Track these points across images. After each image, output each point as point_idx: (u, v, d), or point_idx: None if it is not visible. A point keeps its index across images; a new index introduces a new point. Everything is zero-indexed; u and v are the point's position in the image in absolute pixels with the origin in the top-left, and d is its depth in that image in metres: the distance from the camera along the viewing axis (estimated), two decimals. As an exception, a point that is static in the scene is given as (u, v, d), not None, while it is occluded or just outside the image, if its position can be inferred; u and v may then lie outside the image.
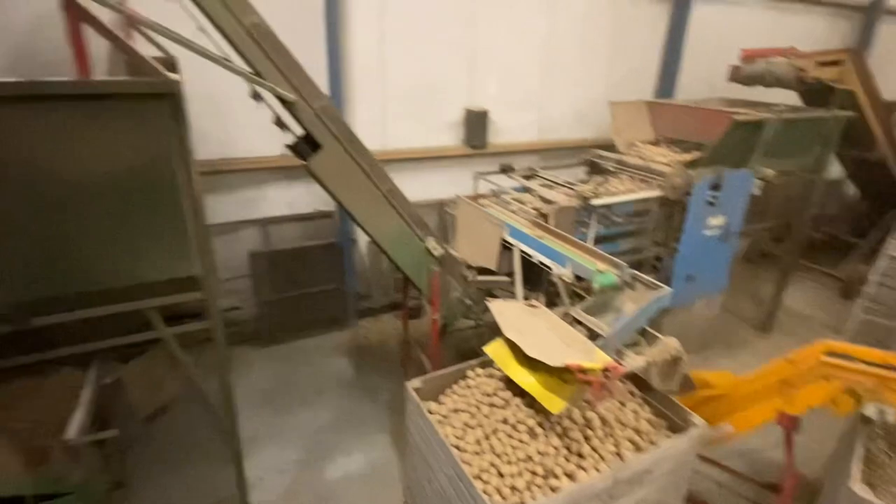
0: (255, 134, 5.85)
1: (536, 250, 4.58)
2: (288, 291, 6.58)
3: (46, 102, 2.37)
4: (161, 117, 2.60)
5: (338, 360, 6.54)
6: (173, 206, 2.79)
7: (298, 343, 6.81)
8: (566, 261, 4.31)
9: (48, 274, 2.70)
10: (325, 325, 7.02)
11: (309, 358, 6.54)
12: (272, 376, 6.15)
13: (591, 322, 3.89)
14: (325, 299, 6.86)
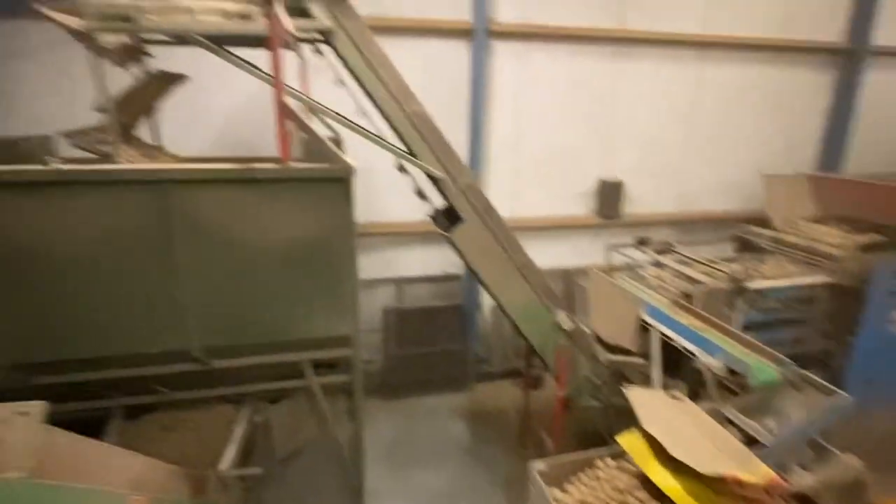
0: (397, 201, 6.37)
1: (679, 334, 4.24)
2: (414, 348, 6.83)
3: (255, 184, 2.85)
4: (337, 196, 2.98)
5: (456, 423, 6.52)
6: (338, 273, 3.12)
7: (419, 400, 6.95)
8: (716, 350, 3.91)
9: (232, 325, 3.14)
10: (444, 385, 7.10)
11: (428, 417, 6.62)
12: (393, 430, 6.31)
13: (748, 425, 3.44)
14: (447, 359, 6.98)
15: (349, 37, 3.59)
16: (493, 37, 6.25)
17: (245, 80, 5.39)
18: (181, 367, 3.30)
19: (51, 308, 2.85)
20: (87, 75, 5.06)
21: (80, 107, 5.35)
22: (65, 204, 2.74)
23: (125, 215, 2.79)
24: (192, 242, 2.90)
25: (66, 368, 3.08)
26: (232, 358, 3.36)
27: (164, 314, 2.98)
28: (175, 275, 2.91)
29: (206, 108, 5.72)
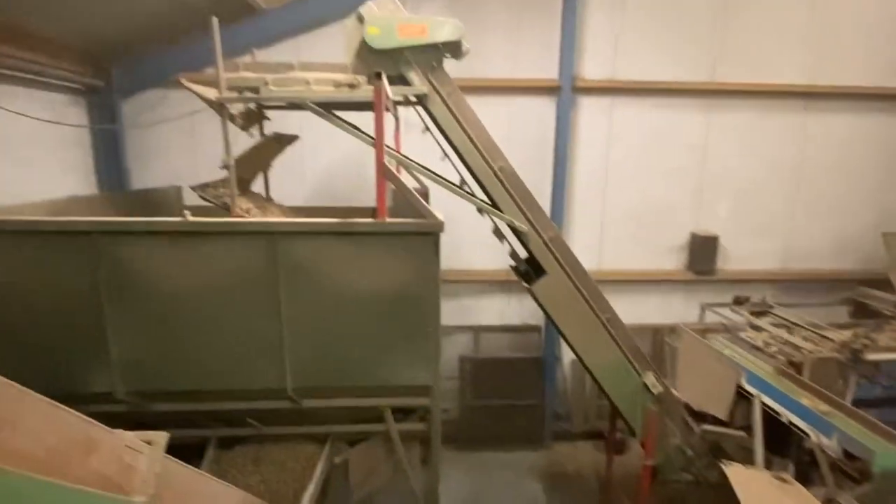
0: (478, 249, 6.51)
1: (786, 407, 3.84)
2: (489, 400, 6.72)
3: (352, 236, 3.08)
4: (425, 249, 3.12)
5: (531, 483, 6.24)
6: (422, 323, 3.23)
7: (493, 454, 6.76)
8: (830, 428, 3.49)
9: (323, 367, 3.32)
10: (520, 441, 6.86)
11: (503, 473, 6.41)
12: (466, 483, 6.16)
13: (874, 522, 3.00)
14: (524, 414, 6.78)
15: (442, 100, 3.84)
16: (579, 92, 6.36)
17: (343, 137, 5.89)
18: (274, 405, 3.51)
19: (171, 342, 3.20)
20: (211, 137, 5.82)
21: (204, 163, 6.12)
22: (190, 250, 3.12)
23: (239, 262, 3.11)
24: (293, 288, 3.15)
25: (177, 398, 3.40)
26: (320, 398, 3.52)
27: (266, 354, 3.22)
28: (278, 318, 3.16)
29: (308, 162, 6.29)
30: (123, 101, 5.94)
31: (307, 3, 5.91)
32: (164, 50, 5.83)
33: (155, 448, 1.79)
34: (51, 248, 3.05)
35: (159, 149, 6.16)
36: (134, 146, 6.10)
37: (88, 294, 3.07)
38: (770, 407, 3.92)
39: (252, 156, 4.17)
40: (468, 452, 6.79)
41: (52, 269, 3.09)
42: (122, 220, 3.15)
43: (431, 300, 3.23)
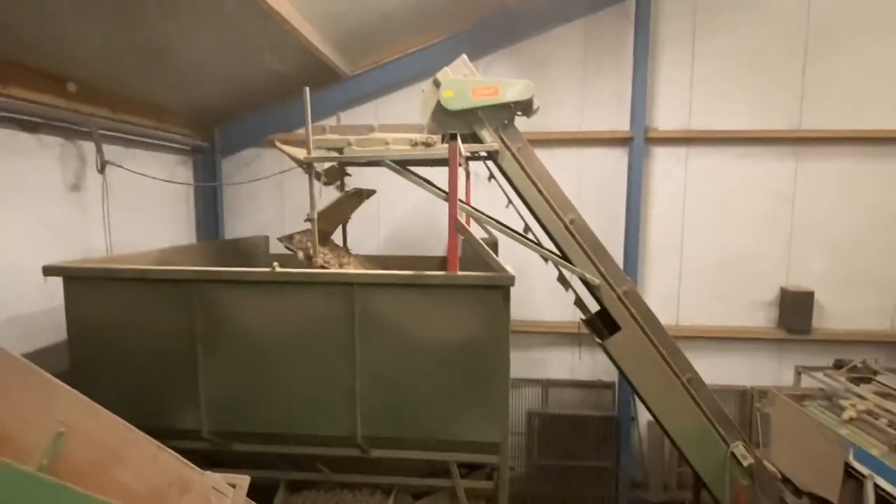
0: (548, 299, 6.38)
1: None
2: (558, 459, 6.39)
3: (424, 288, 3.16)
4: (495, 303, 3.14)
5: (604, 556, 5.76)
6: (491, 378, 3.20)
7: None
8: (968, 524, 2.99)
9: (393, 417, 3.35)
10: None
11: (572, 542, 5.98)
12: (532, 551, 5.80)
13: None
14: (596, 477, 6.37)
15: (513, 155, 3.95)
16: (652, 143, 6.27)
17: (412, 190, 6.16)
18: (344, 452, 3.57)
19: (254, 386, 3.38)
20: (297, 190, 6.29)
21: (290, 214, 6.60)
22: (275, 299, 3.34)
23: (319, 311, 3.28)
24: (368, 337, 3.26)
25: (254, 439, 3.55)
26: (388, 449, 3.54)
27: (339, 401, 3.31)
28: (353, 366, 3.26)
29: (383, 212, 6.60)
30: (223, 159, 6.61)
31: (385, 69, 6.39)
32: (260, 113, 6.48)
33: (238, 491, 1.88)
34: (156, 294, 3.40)
35: (251, 201, 6.74)
36: (229, 199, 6.73)
37: (185, 337, 3.36)
38: (888, 492, 3.43)
39: (334, 209, 4.46)
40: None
41: (155, 313, 3.42)
42: (217, 270, 3.45)
43: (501, 355, 3.21)
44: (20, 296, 4.01)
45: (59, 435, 1.11)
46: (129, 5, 3.78)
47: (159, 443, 1.52)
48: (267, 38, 4.77)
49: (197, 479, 1.68)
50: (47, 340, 4.22)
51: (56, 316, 3.59)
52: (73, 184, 4.56)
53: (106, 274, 3.43)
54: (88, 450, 1.21)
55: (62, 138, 4.45)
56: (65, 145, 4.50)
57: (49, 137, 4.33)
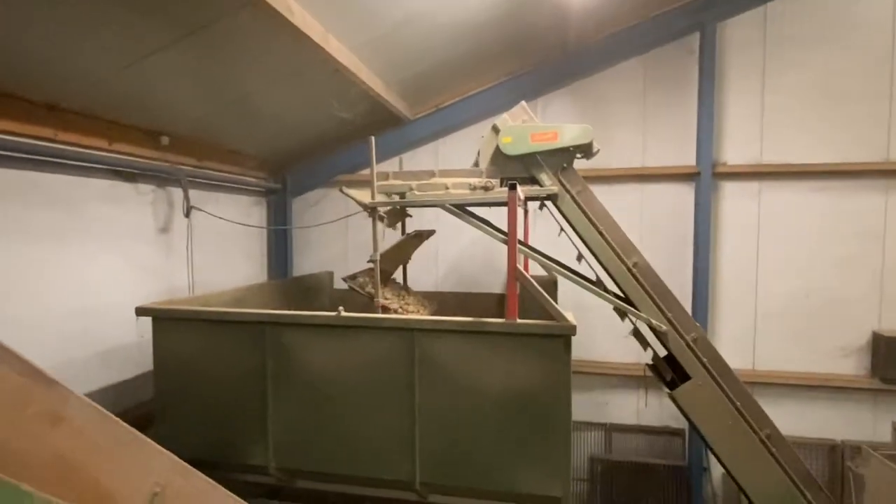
0: (612, 340, 6.18)
1: None
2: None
3: (483, 335, 3.18)
4: (556, 352, 3.09)
5: None
6: (553, 428, 3.13)
7: (628, 576, 5.97)
8: None
9: (451, 464, 3.33)
10: (661, 565, 5.99)
11: None
12: None
13: None
14: (665, 531, 5.96)
15: (572, 198, 3.92)
16: (721, 178, 6.02)
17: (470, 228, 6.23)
18: (401, 495, 3.58)
19: (318, 425, 3.50)
20: (360, 229, 6.55)
21: (354, 252, 6.86)
22: (340, 342, 3.46)
23: (381, 355, 3.37)
24: (428, 382, 3.30)
25: (316, 477, 3.64)
26: (445, 495, 3.51)
27: (399, 445, 3.35)
28: (412, 411, 3.31)
29: (441, 250, 6.71)
30: (293, 199, 7.02)
31: (444, 112, 6.60)
32: (327, 156, 6.86)
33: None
34: (232, 334, 3.63)
35: (317, 239, 7.08)
36: (298, 237, 7.10)
37: (257, 375, 3.55)
38: None
39: (395, 251, 4.60)
40: (597, 569, 6.08)
41: (231, 351, 3.65)
42: (286, 313, 3.64)
43: (562, 405, 3.13)
44: (116, 330, 4.42)
45: (154, 495, 1.22)
46: (219, 69, 4.19)
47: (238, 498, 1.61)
48: (336, 89, 5.09)
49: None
50: (137, 371, 4.61)
51: (146, 349, 3.92)
52: (163, 227, 5.01)
53: (188, 315, 3.71)
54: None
55: (155, 186, 4.93)
56: (156, 192, 4.97)
57: (144, 186, 4.80)
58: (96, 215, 4.31)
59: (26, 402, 0.95)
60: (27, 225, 3.76)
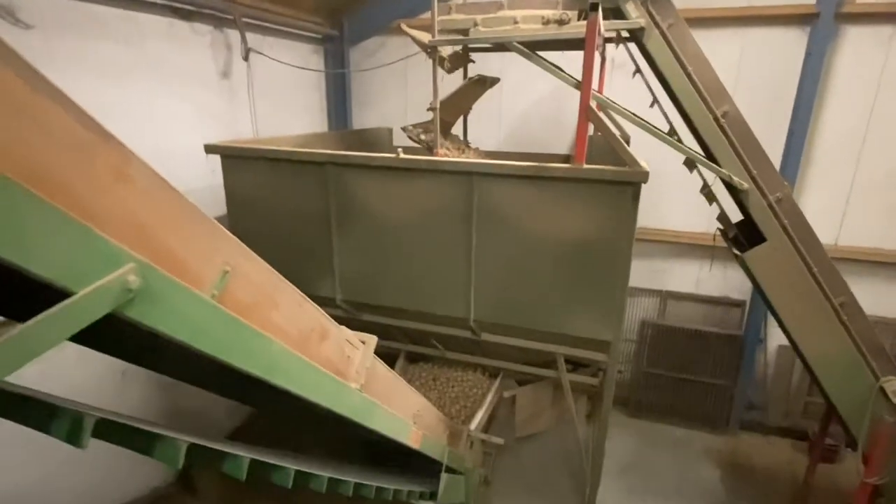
0: (678, 207, 5.87)
1: None
2: (669, 371, 6.26)
3: (546, 181, 3.04)
4: (623, 200, 2.93)
5: (707, 467, 5.75)
6: (609, 277, 3.09)
7: (665, 427, 6.37)
8: None
9: (504, 305, 3.45)
10: (699, 420, 6.31)
11: (675, 449, 6.02)
12: (632, 450, 5.97)
13: None
14: (709, 393, 6.17)
15: (661, 33, 3.42)
16: (845, 20, 5.02)
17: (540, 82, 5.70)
18: (456, 332, 3.81)
19: (379, 262, 3.66)
20: (420, 81, 6.21)
21: (413, 106, 6.61)
22: (399, 183, 3.45)
23: (440, 197, 3.35)
24: (485, 226, 3.29)
25: (379, 311, 3.92)
26: (498, 335, 3.70)
27: (454, 285, 3.48)
28: (468, 253, 3.36)
29: (504, 107, 6.32)
30: (351, 48, 6.67)
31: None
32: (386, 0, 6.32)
33: (367, 346, 2.11)
34: (298, 173, 3.70)
35: (376, 93, 6.84)
36: (356, 90, 6.88)
37: (322, 213, 3.67)
38: None
39: (456, 98, 4.35)
40: (637, 419, 6.51)
41: (295, 190, 3.76)
42: (347, 154, 3.62)
43: (622, 254, 3.05)
44: (187, 171, 4.62)
45: (225, 273, 1.29)
46: None
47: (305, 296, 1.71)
48: None
49: (334, 330, 1.90)
50: (210, 213, 4.91)
51: (217, 192, 4.11)
52: (223, 71, 4.95)
53: (255, 154, 3.79)
54: (249, 290, 1.40)
55: (212, 27, 4.77)
56: (214, 33, 4.83)
57: (201, 25, 4.66)
58: (156, 55, 4.26)
59: (90, 154, 0.95)
60: (86, 58, 3.68)
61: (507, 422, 4.98)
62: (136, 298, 0.99)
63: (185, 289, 1.12)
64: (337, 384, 1.82)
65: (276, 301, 1.53)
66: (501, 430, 4.59)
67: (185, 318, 1.14)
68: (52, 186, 0.87)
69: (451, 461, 3.47)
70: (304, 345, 1.70)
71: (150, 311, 1.04)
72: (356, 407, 2.00)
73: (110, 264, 0.94)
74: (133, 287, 0.97)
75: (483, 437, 4.14)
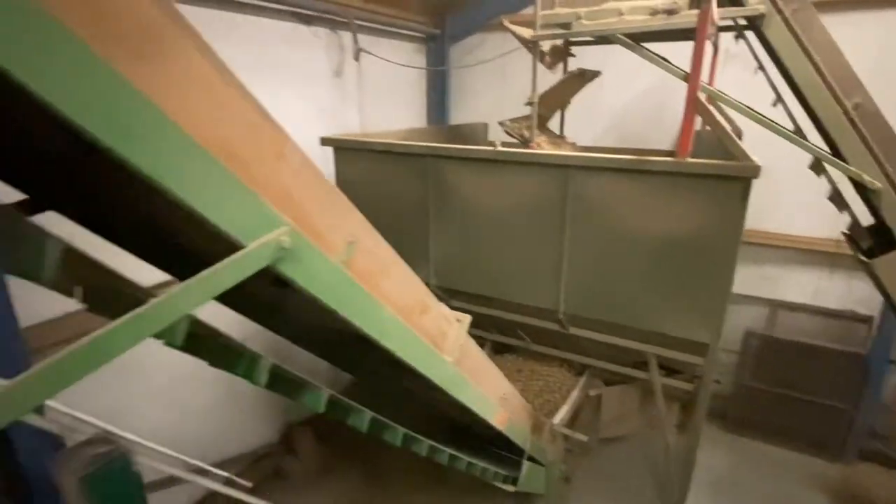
0: (794, 209, 5.40)
1: None
2: (775, 387, 5.77)
3: (646, 175, 2.98)
4: (730, 196, 2.79)
5: (812, 494, 5.25)
6: (710, 276, 2.97)
7: (765, 447, 5.89)
8: None
9: (594, 300, 3.44)
10: (807, 444, 5.75)
11: (774, 471, 5.56)
12: (725, 468, 5.60)
13: None
14: (820, 415, 5.60)
15: (784, 20, 3.18)
16: None
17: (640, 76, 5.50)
18: (544, 324, 3.85)
19: (471, 251, 3.81)
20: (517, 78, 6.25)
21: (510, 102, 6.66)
22: (495, 175, 3.56)
23: (534, 189, 3.41)
24: (579, 219, 3.30)
25: (469, 299, 4.06)
26: (586, 329, 3.69)
27: (544, 276, 3.52)
28: (560, 245, 3.39)
29: (602, 101, 6.17)
30: (452, 46, 6.88)
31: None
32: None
33: (462, 324, 2.25)
34: (399, 164, 3.95)
35: (474, 89, 7.00)
36: (455, 87, 7.09)
37: (420, 202, 3.89)
38: None
39: (555, 92, 4.36)
40: (734, 435, 6.08)
41: (398, 179, 4.01)
42: (446, 147, 3.80)
43: (727, 253, 2.91)
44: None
45: (351, 244, 1.48)
46: None
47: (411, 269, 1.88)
48: None
49: (434, 305, 2.06)
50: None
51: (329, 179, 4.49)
52: (336, 70, 5.37)
53: (364, 146, 4.10)
54: (368, 260, 1.58)
55: (329, 29, 5.19)
56: (330, 36, 5.25)
57: (319, 29, 5.09)
58: (278, 56, 4.75)
59: (259, 134, 1.17)
60: (233, 63, 4.27)
61: (591, 422, 4.91)
62: (286, 257, 1.19)
63: (321, 254, 1.32)
64: (433, 354, 1.98)
65: (389, 273, 1.71)
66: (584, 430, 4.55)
67: (320, 278, 1.33)
68: (231, 157, 1.08)
69: (533, 450, 3.52)
70: (407, 314, 1.86)
71: (294, 268, 1.24)
72: (449, 378, 2.14)
73: (270, 225, 1.15)
74: (286, 247, 1.17)
75: (566, 432, 4.14)
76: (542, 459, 3.61)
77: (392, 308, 1.69)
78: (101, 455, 1.28)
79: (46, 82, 0.75)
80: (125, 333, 0.93)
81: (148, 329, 0.95)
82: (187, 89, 0.99)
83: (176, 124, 0.93)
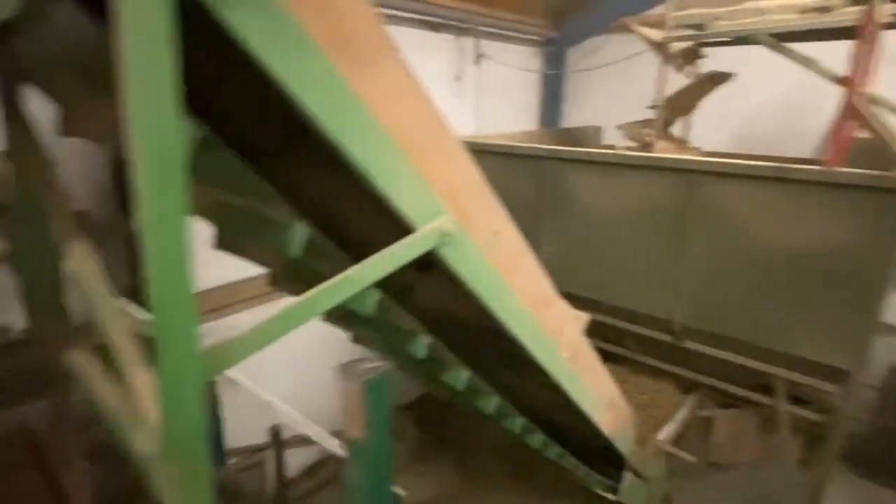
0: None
1: None
2: (926, 432, 5.02)
3: (784, 183, 2.80)
4: (885, 210, 2.53)
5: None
6: (860, 297, 2.70)
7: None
8: None
9: (715, 313, 3.27)
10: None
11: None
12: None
13: None
14: None
15: (969, 16, 2.80)
16: None
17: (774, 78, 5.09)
18: (655, 335, 3.73)
19: (584, 253, 3.80)
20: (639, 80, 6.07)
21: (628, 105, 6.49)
22: (612, 178, 3.53)
23: (654, 194, 3.33)
24: (703, 227, 3.16)
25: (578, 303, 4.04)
26: (703, 344, 3.52)
27: (660, 284, 3.42)
28: (679, 252, 3.27)
29: (731, 106, 5.77)
30: (570, 48, 6.84)
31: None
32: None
33: (581, 323, 2.30)
34: (513, 165, 4.06)
35: (590, 92, 6.89)
36: (571, 89, 7.04)
37: (531, 202, 3.96)
38: None
39: (683, 96, 4.21)
40: (866, 481, 5.37)
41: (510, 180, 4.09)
42: (560, 149, 3.84)
43: (878, 271, 2.64)
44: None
45: (496, 234, 1.62)
46: None
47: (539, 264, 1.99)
48: None
49: (558, 301, 2.14)
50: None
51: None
52: (457, 74, 5.61)
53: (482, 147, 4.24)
54: (505, 251, 1.71)
55: (453, 35, 5.45)
56: (454, 41, 5.50)
57: (446, 35, 5.36)
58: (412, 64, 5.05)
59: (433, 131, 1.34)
60: None
61: (697, 445, 4.64)
62: (448, 242, 1.35)
63: (474, 242, 1.47)
64: (552, 348, 2.06)
65: (521, 265, 1.83)
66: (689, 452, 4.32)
67: (469, 264, 1.49)
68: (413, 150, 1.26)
69: (636, 463, 3.44)
70: (534, 306, 1.97)
71: (451, 253, 1.40)
72: (563, 372, 2.21)
73: (436, 213, 1.32)
74: (448, 233, 1.33)
75: (672, 450, 3.98)
76: (643, 474, 3.52)
77: (523, 299, 1.81)
78: (372, 370, 1.68)
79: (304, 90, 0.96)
80: (329, 294, 1.14)
81: (346, 291, 1.15)
82: (389, 92, 1.18)
83: (376, 121, 1.12)
